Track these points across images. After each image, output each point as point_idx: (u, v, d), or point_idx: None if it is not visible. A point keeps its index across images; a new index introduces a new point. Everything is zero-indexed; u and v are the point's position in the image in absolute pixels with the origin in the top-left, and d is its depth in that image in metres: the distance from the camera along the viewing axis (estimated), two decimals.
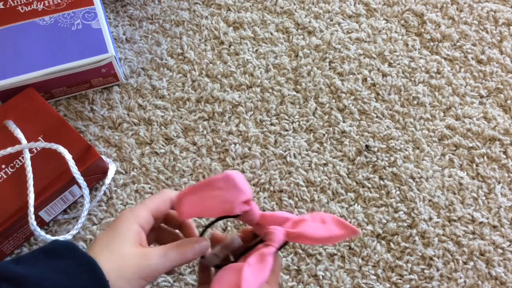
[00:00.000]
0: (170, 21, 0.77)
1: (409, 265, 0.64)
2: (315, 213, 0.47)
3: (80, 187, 0.62)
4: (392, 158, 0.69)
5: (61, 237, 0.62)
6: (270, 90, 0.73)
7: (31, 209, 0.59)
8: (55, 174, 0.62)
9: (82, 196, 0.66)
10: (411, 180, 0.68)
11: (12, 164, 0.62)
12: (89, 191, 0.63)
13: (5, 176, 0.61)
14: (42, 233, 0.60)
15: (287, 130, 0.71)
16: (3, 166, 0.62)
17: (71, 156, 0.61)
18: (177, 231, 0.52)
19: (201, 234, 0.51)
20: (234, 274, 0.42)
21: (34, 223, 0.59)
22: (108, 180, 0.66)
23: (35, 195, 0.60)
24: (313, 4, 0.79)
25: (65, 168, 0.61)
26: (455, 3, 0.80)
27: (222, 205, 0.45)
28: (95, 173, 0.65)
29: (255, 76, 0.74)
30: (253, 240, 0.49)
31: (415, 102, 0.73)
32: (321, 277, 0.63)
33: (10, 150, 0.61)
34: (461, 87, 0.74)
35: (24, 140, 0.62)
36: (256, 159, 0.67)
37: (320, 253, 0.64)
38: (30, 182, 0.60)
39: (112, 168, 0.67)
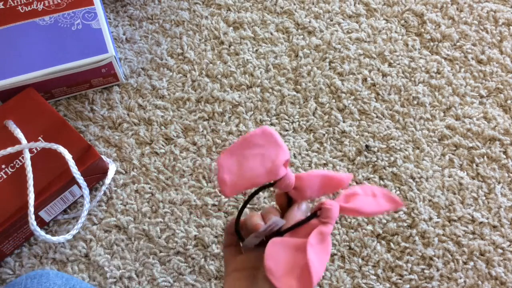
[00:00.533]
0: (170, 21, 0.77)
1: (409, 265, 0.64)
2: (366, 187, 0.44)
3: (80, 187, 0.62)
4: (392, 158, 0.69)
5: (61, 237, 0.62)
6: (270, 90, 0.73)
7: (31, 209, 0.59)
8: (55, 174, 0.62)
9: (82, 196, 0.66)
10: (411, 180, 0.68)
11: (12, 164, 0.62)
12: (89, 191, 0.63)
13: (5, 176, 0.61)
14: (42, 233, 0.60)
15: (287, 130, 0.71)
16: (3, 166, 0.62)
17: (71, 156, 0.61)
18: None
19: (242, 208, 0.46)
20: (293, 253, 0.39)
21: (34, 223, 0.59)
22: (108, 180, 0.66)
23: (35, 195, 0.60)
24: (313, 4, 0.79)
25: (65, 168, 0.61)
26: (455, 3, 0.80)
27: (265, 165, 0.40)
28: (95, 173, 0.65)
29: (255, 76, 0.74)
30: (286, 206, 0.45)
31: (415, 102, 0.73)
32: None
33: (10, 150, 0.61)
34: (461, 87, 0.74)
35: (24, 140, 0.62)
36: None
37: None
38: (30, 182, 0.60)
39: (112, 168, 0.67)
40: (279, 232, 0.42)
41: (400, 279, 0.63)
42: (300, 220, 0.42)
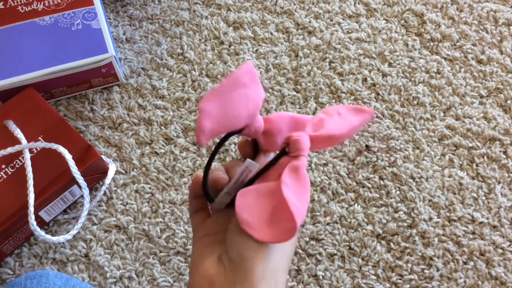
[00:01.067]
0: (170, 21, 0.77)
1: (409, 265, 0.64)
2: (328, 109, 0.39)
3: (80, 187, 0.62)
4: (392, 158, 0.69)
5: (61, 237, 0.62)
6: (270, 90, 0.73)
7: (31, 209, 0.59)
8: (55, 174, 0.62)
9: (82, 196, 0.66)
10: (411, 180, 0.68)
11: (12, 164, 0.62)
12: (89, 191, 0.63)
13: (5, 176, 0.61)
14: (42, 233, 0.60)
15: None
16: (3, 166, 0.62)
17: (71, 156, 0.61)
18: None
19: (209, 163, 0.39)
20: (269, 199, 0.34)
21: (34, 223, 0.59)
22: (108, 180, 0.66)
23: (35, 195, 0.60)
24: (313, 4, 0.79)
25: (65, 168, 0.61)
26: (455, 3, 0.80)
27: (248, 107, 0.36)
28: (95, 173, 0.65)
29: None
30: (252, 155, 0.40)
31: (415, 102, 0.73)
32: (321, 277, 0.63)
33: (10, 150, 0.61)
34: (461, 87, 0.74)
35: (24, 140, 0.62)
36: None
37: (320, 253, 0.64)
38: (30, 182, 0.60)
39: (112, 168, 0.67)
40: (247, 183, 0.37)
41: (400, 279, 0.63)
42: (269, 161, 0.36)
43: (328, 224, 0.65)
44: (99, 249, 0.64)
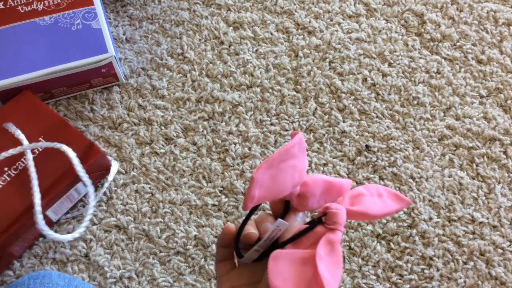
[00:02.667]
0: (170, 21, 0.77)
1: (409, 265, 0.64)
2: (370, 186, 0.40)
3: (84, 184, 0.62)
4: (392, 158, 0.69)
5: (69, 236, 0.61)
6: (270, 90, 0.73)
7: (38, 208, 0.59)
8: (59, 173, 0.62)
9: (85, 195, 0.66)
10: (411, 180, 0.68)
11: (14, 166, 0.62)
12: (94, 188, 0.63)
13: (8, 179, 0.61)
14: (51, 232, 0.59)
15: (287, 130, 0.71)
16: (6, 169, 0.62)
17: (75, 154, 0.61)
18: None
19: (246, 220, 0.41)
20: (301, 268, 0.34)
21: (43, 222, 0.58)
22: (111, 177, 0.66)
23: (41, 194, 0.59)
24: (313, 4, 0.79)
25: (68, 167, 0.61)
26: (455, 3, 0.80)
27: (294, 177, 0.37)
28: (98, 170, 0.65)
29: (255, 76, 0.74)
30: (282, 215, 0.41)
31: (415, 102, 0.73)
32: None
33: (12, 151, 0.61)
34: (461, 87, 0.74)
35: (25, 141, 0.62)
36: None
37: None
38: (35, 182, 0.60)
39: (115, 165, 0.67)
40: (278, 245, 0.38)
41: (400, 279, 0.63)
42: (304, 228, 0.37)
43: None
44: (99, 249, 0.64)
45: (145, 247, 0.64)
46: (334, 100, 0.73)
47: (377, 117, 0.72)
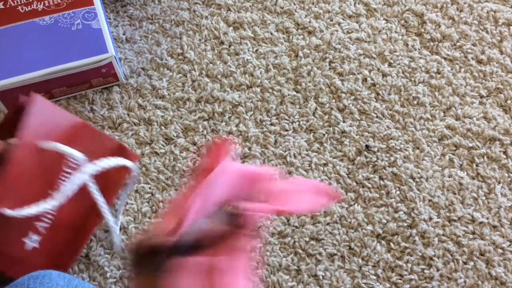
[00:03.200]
0: (170, 21, 0.77)
1: (409, 265, 0.64)
2: (296, 180, 0.38)
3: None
4: (392, 158, 0.69)
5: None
6: (270, 90, 0.73)
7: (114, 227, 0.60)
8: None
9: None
10: (411, 180, 0.68)
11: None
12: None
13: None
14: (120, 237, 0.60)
15: (287, 130, 0.71)
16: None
17: (131, 163, 0.59)
18: None
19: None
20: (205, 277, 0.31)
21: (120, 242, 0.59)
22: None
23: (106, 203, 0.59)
24: (313, 4, 0.79)
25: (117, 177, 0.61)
26: (455, 3, 0.80)
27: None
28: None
29: (255, 76, 0.74)
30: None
31: (415, 102, 0.73)
32: (321, 277, 0.63)
33: (77, 181, 0.54)
34: (461, 87, 0.74)
35: (86, 164, 0.55)
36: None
37: (320, 253, 0.64)
38: (101, 199, 0.59)
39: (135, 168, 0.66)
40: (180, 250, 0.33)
41: (400, 279, 0.63)
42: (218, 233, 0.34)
43: (328, 224, 0.65)
44: (99, 249, 0.64)
45: None
46: (334, 100, 0.73)
47: (377, 117, 0.72)
